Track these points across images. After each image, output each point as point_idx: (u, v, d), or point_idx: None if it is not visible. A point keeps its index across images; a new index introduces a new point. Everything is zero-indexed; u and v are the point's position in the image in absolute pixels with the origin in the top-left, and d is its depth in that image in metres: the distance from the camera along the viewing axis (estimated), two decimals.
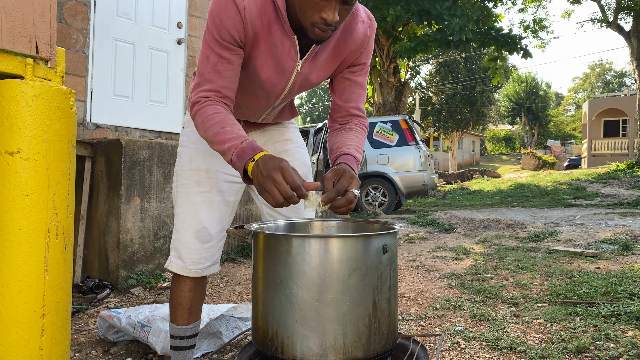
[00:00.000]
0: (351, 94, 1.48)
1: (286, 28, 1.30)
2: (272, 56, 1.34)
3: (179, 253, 1.58)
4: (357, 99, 1.49)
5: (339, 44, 1.38)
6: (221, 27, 1.27)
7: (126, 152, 3.50)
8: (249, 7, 1.25)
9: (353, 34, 1.38)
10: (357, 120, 1.50)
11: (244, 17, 1.26)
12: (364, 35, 1.40)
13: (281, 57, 1.35)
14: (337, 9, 1.17)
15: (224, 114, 1.30)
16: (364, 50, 1.43)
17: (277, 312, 1.10)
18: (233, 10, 1.25)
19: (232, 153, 1.23)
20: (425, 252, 4.89)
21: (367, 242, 1.10)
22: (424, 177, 8.90)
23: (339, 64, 1.43)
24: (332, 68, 1.43)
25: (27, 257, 1.27)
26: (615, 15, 18.79)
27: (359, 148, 1.41)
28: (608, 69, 61.17)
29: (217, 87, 1.32)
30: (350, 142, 1.40)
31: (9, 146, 1.26)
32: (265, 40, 1.31)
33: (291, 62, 1.36)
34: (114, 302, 3.22)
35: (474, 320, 2.68)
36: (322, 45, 1.35)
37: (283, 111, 1.64)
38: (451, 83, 31.89)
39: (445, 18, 11.16)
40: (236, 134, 1.25)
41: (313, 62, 1.39)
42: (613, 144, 26.63)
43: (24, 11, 1.32)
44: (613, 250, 4.44)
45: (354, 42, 1.39)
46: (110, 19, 4.87)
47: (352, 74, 1.46)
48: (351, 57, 1.43)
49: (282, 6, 1.26)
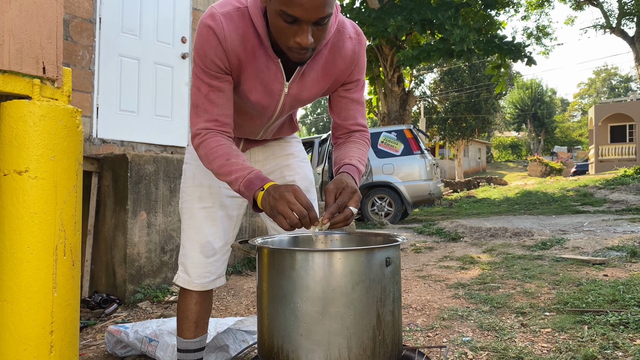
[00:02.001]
0: (349, 111, 1.49)
1: (270, 52, 1.32)
2: (259, 80, 1.37)
3: (185, 267, 1.61)
4: (355, 115, 1.50)
5: (328, 63, 1.39)
6: (205, 58, 1.31)
7: (132, 166, 3.53)
8: (229, 36, 1.29)
9: (342, 52, 1.39)
10: (359, 134, 1.51)
11: (225, 46, 1.30)
12: (353, 52, 1.41)
13: (268, 81, 1.37)
14: (310, 31, 1.18)
15: (227, 146, 1.33)
16: (354, 68, 1.44)
17: (282, 326, 1.11)
18: (214, 41, 1.29)
19: (239, 184, 1.26)
20: (432, 262, 4.88)
21: (370, 255, 1.12)
22: (430, 186, 8.89)
23: (331, 82, 1.44)
24: (322, 87, 1.44)
25: (35, 274, 1.29)
26: (619, 20, 18.82)
27: (361, 159, 1.43)
28: (613, 74, 61.02)
29: (214, 116, 1.35)
30: (352, 154, 1.42)
31: (17, 165, 1.28)
32: (251, 65, 1.34)
33: (278, 85, 1.38)
34: (121, 317, 3.23)
35: (482, 330, 2.67)
36: (309, 65, 1.37)
37: (282, 127, 1.66)
38: (456, 91, 31.90)
39: (447, 28, 11.20)
40: (242, 165, 1.28)
41: (301, 82, 1.40)
42: (620, 149, 26.48)
43: (31, 33, 1.35)
44: (621, 258, 4.41)
45: (343, 60, 1.40)
46: (115, 35, 4.94)
47: (347, 92, 1.48)
48: (342, 76, 1.43)
49: (263, 32, 1.29)
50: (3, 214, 1.30)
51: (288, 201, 1.14)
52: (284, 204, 1.14)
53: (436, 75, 33.16)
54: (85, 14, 4.61)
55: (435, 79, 33.38)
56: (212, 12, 1.30)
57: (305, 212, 1.14)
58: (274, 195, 1.16)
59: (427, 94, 33.90)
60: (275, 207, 1.15)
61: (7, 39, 1.29)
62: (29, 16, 1.34)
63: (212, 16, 1.29)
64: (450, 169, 36.17)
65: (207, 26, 1.29)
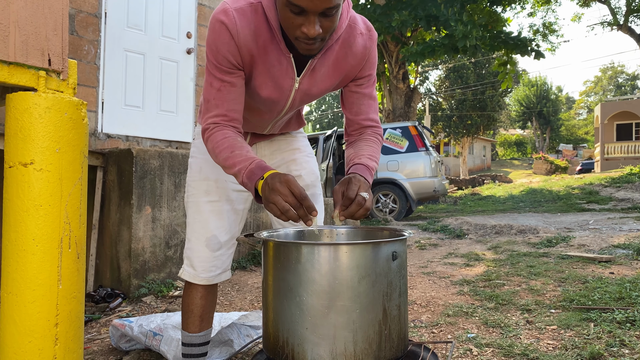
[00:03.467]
0: (360, 106, 1.48)
1: (282, 47, 1.32)
2: (270, 76, 1.37)
3: (191, 261, 1.61)
4: (367, 110, 1.49)
5: (339, 59, 1.39)
6: (218, 54, 1.32)
7: (137, 161, 3.53)
8: (242, 31, 1.29)
9: (353, 48, 1.39)
10: (371, 130, 1.50)
11: (238, 41, 1.30)
12: (364, 48, 1.40)
13: (279, 76, 1.37)
14: (318, 22, 1.17)
15: (232, 138, 1.33)
16: (366, 63, 1.43)
17: (288, 320, 1.11)
18: (226, 36, 1.29)
19: (242, 175, 1.26)
20: (437, 259, 4.87)
21: (376, 249, 1.11)
22: (435, 183, 8.87)
23: (342, 77, 1.44)
24: (333, 82, 1.44)
25: (40, 267, 1.29)
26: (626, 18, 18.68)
27: (373, 156, 1.41)
28: (620, 72, 60.62)
29: (224, 111, 1.36)
30: (362, 152, 1.41)
31: (22, 157, 1.28)
32: (262, 60, 1.34)
33: (289, 80, 1.38)
34: (126, 311, 3.23)
35: (487, 327, 2.65)
36: (321, 60, 1.36)
37: (290, 122, 1.66)
38: (461, 88, 31.79)
39: (452, 24, 11.14)
40: (245, 156, 1.28)
41: (312, 77, 1.40)
42: (626, 147, 26.34)
43: (36, 25, 1.34)
44: (627, 255, 4.38)
45: (354, 56, 1.40)
46: (121, 30, 4.94)
47: (358, 87, 1.47)
48: (354, 71, 1.43)
49: (276, 26, 1.29)
50: (8, 206, 1.30)
51: (280, 192, 1.14)
52: (276, 194, 1.14)
53: (441, 72, 33.05)
54: (91, 9, 4.60)
55: (441, 76, 33.26)
56: (225, 8, 1.29)
57: (298, 203, 1.14)
58: (270, 185, 1.16)
59: (432, 91, 33.79)
60: (268, 197, 1.15)
61: (13, 30, 1.29)
62: (35, 7, 1.34)
63: (224, 12, 1.29)
64: (455, 167, 36.07)
65: (220, 22, 1.29)
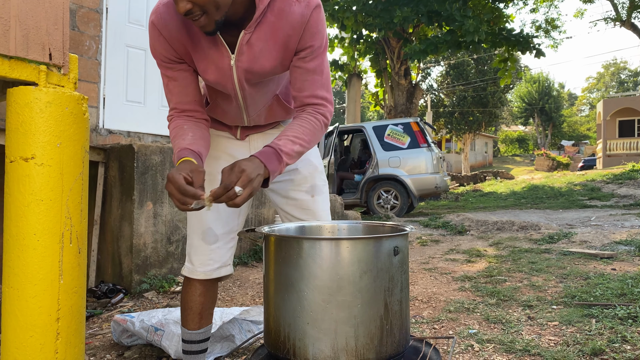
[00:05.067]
0: (304, 82, 1.41)
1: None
2: (210, 60, 1.39)
3: (190, 257, 1.61)
4: (310, 86, 1.41)
5: (275, 29, 1.34)
6: (155, 51, 1.40)
7: (139, 157, 3.53)
8: (170, 24, 1.35)
9: (289, 17, 1.33)
10: (312, 108, 1.42)
11: (167, 36, 1.36)
12: (301, 16, 1.33)
13: (216, 58, 1.39)
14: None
15: (179, 128, 1.42)
16: (304, 32, 1.35)
17: (289, 315, 1.10)
18: (156, 33, 1.37)
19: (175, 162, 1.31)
20: (438, 255, 4.86)
21: (378, 244, 1.10)
22: (436, 179, 8.85)
23: (283, 50, 1.38)
24: (276, 56, 1.38)
25: (42, 261, 1.29)
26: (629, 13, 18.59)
27: (297, 138, 1.34)
28: (622, 68, 60.42)
29: (174, 104, 1.46)
30: (286, 133, 1.35)
31: (23, 152, 1.28)
32: (198, 47, 1.38)
33: (226, 59, 1.38)
34: (127, 306, 3.24)
35: (488, 322, 2.65)
36: (256, 34, 1.33)
37: (272, 110, 1.60)
38: (462, 85, 31.72)
39: (457, 19, 11.10)
40: (179, 145, 1.35)
41: (250, 53, 1.36)
42: (628, 143, 26.26)
43: (37, 19, 1.34)
44: (629, 252, 4.38)
45: (290, 24, 1.33)
46: (122, 25, 4.93)
47: (301, 61, 1.39)
48: (292, 42, 1.36)
49: None
50: (9, 200, 1.29)
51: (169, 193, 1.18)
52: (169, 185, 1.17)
53: (443, 68, 32.97)
54: (92, 4, 4.59)
55: (442, 72, 33.19)
56: (156, 5, 1.37)
57: (184, 199, 1.15)
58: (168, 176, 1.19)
59: (434, 87, 33.72)
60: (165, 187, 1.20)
61: (13, 24, 1.28)
62: (36, 2, 1.33)
63: (154, 10, 1.36)
64: (456, 163, 36.03)
65: (150, 21, 1.37)
